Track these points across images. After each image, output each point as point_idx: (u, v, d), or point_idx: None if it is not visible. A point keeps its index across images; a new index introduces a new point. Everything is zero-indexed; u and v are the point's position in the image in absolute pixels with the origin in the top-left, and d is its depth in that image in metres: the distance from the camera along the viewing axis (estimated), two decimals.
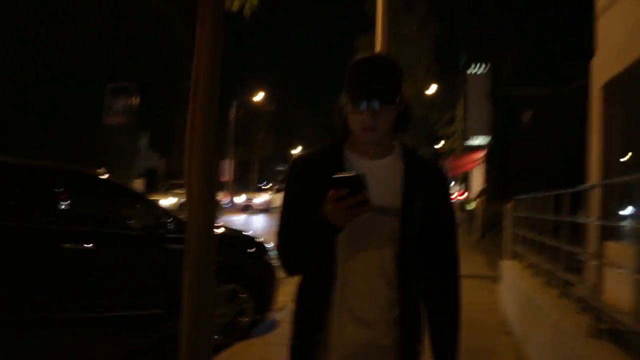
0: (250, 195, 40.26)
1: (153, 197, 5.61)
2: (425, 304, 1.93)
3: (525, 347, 5.58)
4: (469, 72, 22.02)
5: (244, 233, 7.50)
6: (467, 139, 22.50)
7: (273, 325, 6.39)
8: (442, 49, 25.58)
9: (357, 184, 1.61)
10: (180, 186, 27.38)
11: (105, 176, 5.98)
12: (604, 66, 8.31)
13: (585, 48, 9.77)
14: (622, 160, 7.75)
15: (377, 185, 1.80)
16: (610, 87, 8.11)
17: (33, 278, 5.04)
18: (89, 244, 5.32)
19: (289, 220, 1.91)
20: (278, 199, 35.66)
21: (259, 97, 46.16)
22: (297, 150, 72.12)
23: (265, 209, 35.96)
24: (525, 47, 22.87)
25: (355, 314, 1.81)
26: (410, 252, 1.85)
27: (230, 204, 37.50)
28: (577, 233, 5.87)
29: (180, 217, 5.90)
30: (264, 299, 6.21)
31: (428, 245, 1.89)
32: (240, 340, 5.88)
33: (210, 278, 3.16)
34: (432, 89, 29.46)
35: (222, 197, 36.60)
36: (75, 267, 5.28)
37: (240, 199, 38.76)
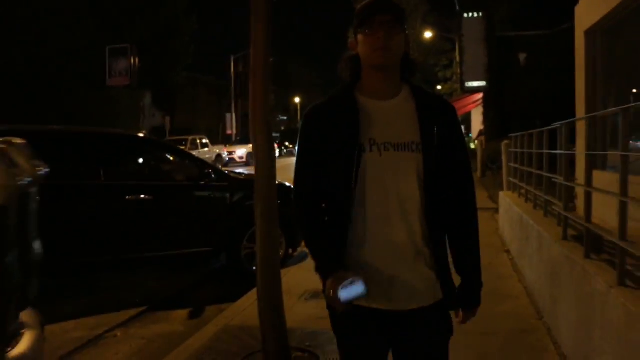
0: (231, 148, 37.41)
1: None
2: (448, 232, 2.00)
3: (519, 261, 6.69)
4: (464, 16, 22.54)
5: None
6: (464, 82, 23.19)
7: (304, 257, 7.43)
8: None
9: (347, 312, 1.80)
10: (179, 142, 26.75)
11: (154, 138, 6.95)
12: (587, 12, 9.09)
13: None
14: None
15: (393, 124, 1.90)
16: (592, 32, 8.93)
17: (103, 226, 6.02)
18: (146, 195, 6.30)
19: (305, 176, 1.99)
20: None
21: None
22: (297, 100, 72.82)
23: (246, 163, 33.41)
24: None
25: (382, 241, 1.88)
26: (434, 183, 1.89)
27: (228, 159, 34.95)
28: (570, 165, 6.82)
29: (218, 168, 6.88)
30: (294, 235, 7.22)
31: (447, 175, 1.93)
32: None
33: (274, 211, 4.06)
34: (429, 34, 30.12)
35: (224, 150, 35.37)
36: (137, 215, 6.27)
37: (240, 151, 35.95)
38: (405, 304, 1.88)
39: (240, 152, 35.55)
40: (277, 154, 6.94)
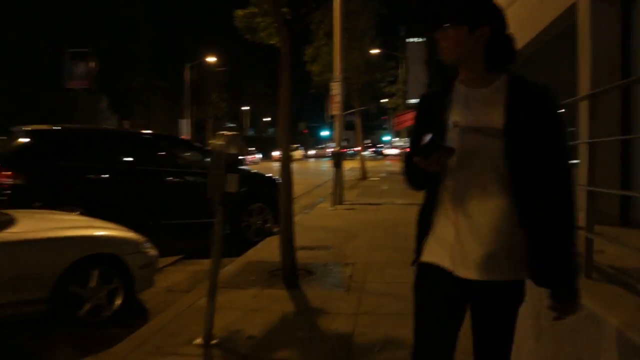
0: None
1: None
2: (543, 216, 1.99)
3: None
4: (408, 40, 25.42)
5: (261, 173, 10.86)
6: (408, 98, 26.06)
7: None
8: (385, 22, 29.01)
9: (434, 146, 1.90)
10: None
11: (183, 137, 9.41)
12: None
13: None
14: None
15: (478, 109, 2.04)
16: None
17: (148, 200, 8.36)
18: (177, 178, 8.70)
19: (411, 149, 2.18)
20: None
21: (211, 59, 48.06)
22: (246, 108, 74.86)
23: None
24: None
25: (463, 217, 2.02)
26: (516, 170, 1.97)
27: None
28: None
29: None
30: (277, 211, 9.65)
31: (537, 162, 1.97)
32: (265, 237, 9.32)
33: (290, 195, 6.44)
34: (377, 51, 33.04)
35: None
36: (171, 192, 8.65)
37: None
38: (481, 274, 1.99)
39: None
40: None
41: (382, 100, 40.35)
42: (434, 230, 2.10)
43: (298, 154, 64.28)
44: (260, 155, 57.42)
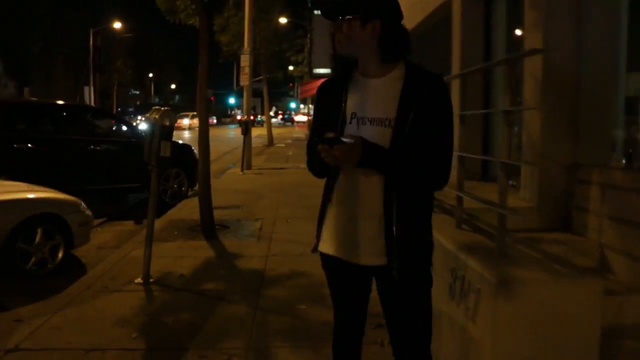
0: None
1: None
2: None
3: None
4: (315, 13, 26.29)
5: (177, 141, 11.63)
6: (313, 68, 27.10)
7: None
8: None
9: (337, 141, 1.94)
10: None
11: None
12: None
13: None
14: None
15: (374, 100, 2.11)
16: None
17: (74, 167, 9.00)
18: (100, 146, 9.38)
19: (312, 137, 2.28)
20: None
21: (117, 24, 46.97)
22: (150, 76, 73.41)
23: None
24: None
25: (348, 209, 2.14)
26: (400, 157, 2.03)
27: None
28: None
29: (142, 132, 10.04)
30: (193, 178, 10.53)
31: (419, 149, 2.04)
32: (182, 199, 10.20)
33: (208, 160, 7.34)
34: (284, 20, 33.80)
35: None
36: (95, 160, 9.33)
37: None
38: (362, 258, 2.12)
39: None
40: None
41: (289, 68, 41.32)
42: (328, 219, 2.22)
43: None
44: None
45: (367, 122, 2.08)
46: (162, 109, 5.22)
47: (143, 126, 10.51)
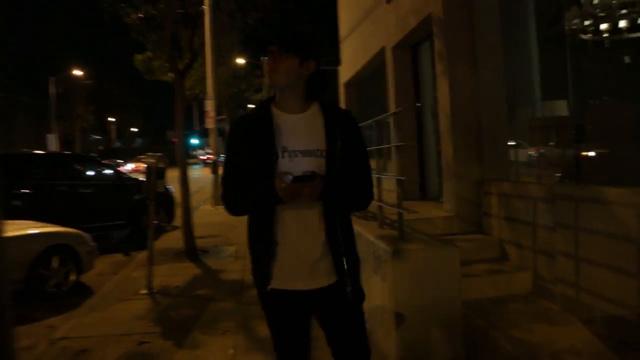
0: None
1: None
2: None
3: None
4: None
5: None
6: None
7: (176, 228, 12.03)
8: (252, 36, 31.60)
9: (309, 178, 2.10)
10: None
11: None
12: (344, 72, 14.82)
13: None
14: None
15: (302, 134, 2.28)
16: (348, 84, 14.68)
17: (67, 208, 10.24)
18: (89, 190, 10.70)
19: (231, 175, 2.36)
20: None
21: (78, 72, 47.83)
22: (112, 119, 74.07)
23: None
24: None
25: (293, 244, 2.28)
26: (335, 185, 2.23)
27: None
28: None
29: (127, 174, 11.38)
30: (170, 214, 11.90)
31: (348, 176, 2.28)
32: (163, 233, 11.49)
33: (188, 197, 8.71)
34: (242, 61, 35.46)
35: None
36: (85, 201, 10.60)
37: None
38: (315, 283, 2.30)
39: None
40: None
41: (249, 106, 42.99)
42: (277, 256, 2.30)
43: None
44: (132, 166, 57.66)
45: (299, 155, 2.26)
46: (156, 154, 6.60)
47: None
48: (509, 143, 7.21)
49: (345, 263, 2.30)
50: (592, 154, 5.92)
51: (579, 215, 4.75)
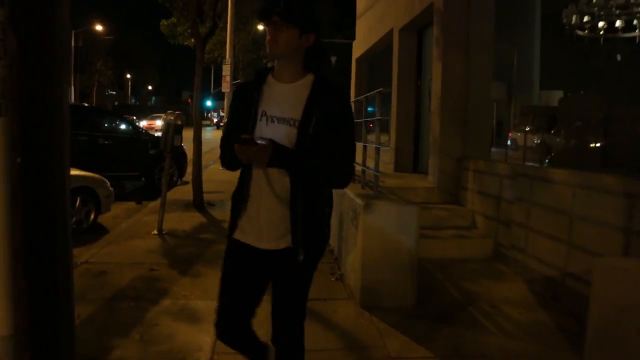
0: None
1: None
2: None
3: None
4: None
5: None
6: None
7: (187, 183, 12.87)
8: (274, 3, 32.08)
9: (251, 142, 2.21)
10: None
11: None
12: (356, 48, 15.47)
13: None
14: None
15: (282, 102, 2.37)
16: (359, 59, 15.34)
17: (89, 156, 11.10)
18: (109, 141, 11.55)
19: (226, 133, 2.53)
20: None
21: (98, 27, 48.46)
22: (128, 76, 74.82)
23: None
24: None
25: (259, 203, 2.40)
26: (291, 154, 2.29)
27: None
28: None
29: (145, 130, 12.21)
30: (182, 169, 12.76)
31: (325, 149, 2.31)
32: (173, 187, 12.34)
33: (200, 154, 9.53)
34: (261, 27, 35.97)
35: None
36: (104, 151, 11.46)
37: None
38: (264, 244, 2.40)
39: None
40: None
41: None
42: (245, 210, 2.45)
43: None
44: (145, 123, 58.65)
45: (275, 121, 2.35)
46: (175, 112, 7.38)
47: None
48: (492, 125, 7.96)
49: (300, 231, 2.35)
50: (558, 140, 6.66)
51: (532, 192, 5.53)
